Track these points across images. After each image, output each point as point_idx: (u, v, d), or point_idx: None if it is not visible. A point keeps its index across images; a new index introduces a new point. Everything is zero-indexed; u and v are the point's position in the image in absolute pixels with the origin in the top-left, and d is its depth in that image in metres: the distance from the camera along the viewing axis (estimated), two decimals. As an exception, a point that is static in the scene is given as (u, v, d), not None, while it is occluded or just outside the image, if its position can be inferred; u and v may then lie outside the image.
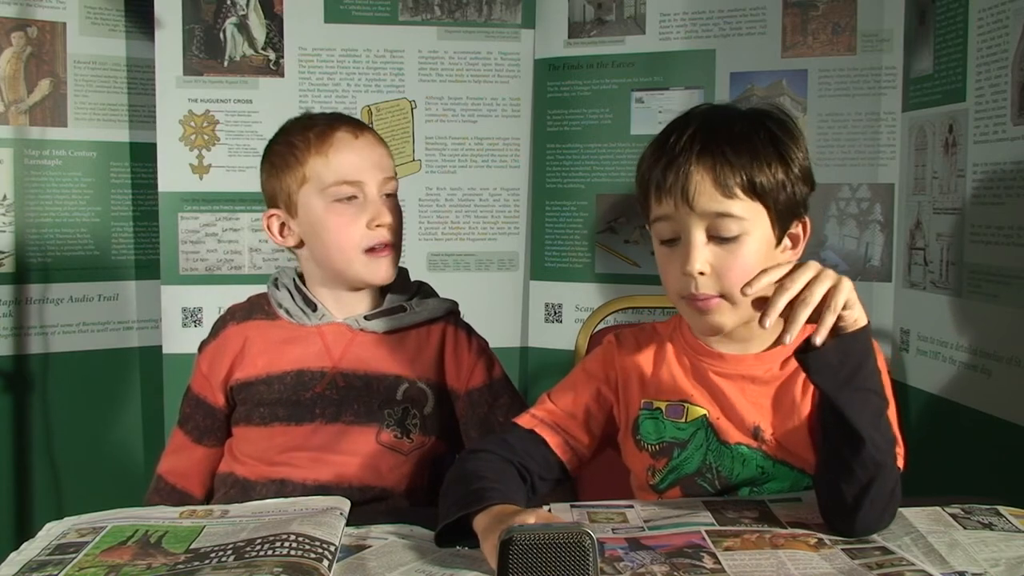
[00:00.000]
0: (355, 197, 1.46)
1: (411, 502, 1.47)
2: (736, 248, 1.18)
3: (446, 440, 1.54)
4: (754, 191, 1.18)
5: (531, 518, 1.00)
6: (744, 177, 1.17)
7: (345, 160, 1.45)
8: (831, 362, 1.07)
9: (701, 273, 1.18)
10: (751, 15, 2.45)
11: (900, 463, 1.17)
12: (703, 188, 1.17)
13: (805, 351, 1.08)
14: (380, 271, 1.49)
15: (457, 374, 1.53)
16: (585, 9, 2.59)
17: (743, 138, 1.19)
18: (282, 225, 1.49)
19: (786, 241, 1.24)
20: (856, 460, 1.08)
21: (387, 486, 1.46)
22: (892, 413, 1.16)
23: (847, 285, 1.06)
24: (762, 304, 1.09)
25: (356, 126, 1.50)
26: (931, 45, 2.17)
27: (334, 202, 1.45)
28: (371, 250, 1.47)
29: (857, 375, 1.08)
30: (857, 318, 1.08)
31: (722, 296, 1.19)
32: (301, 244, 1.50)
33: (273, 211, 1.49)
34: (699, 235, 1.18)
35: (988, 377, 1.94)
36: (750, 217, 1.18)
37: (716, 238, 1.18)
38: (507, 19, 2.62)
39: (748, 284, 1.08)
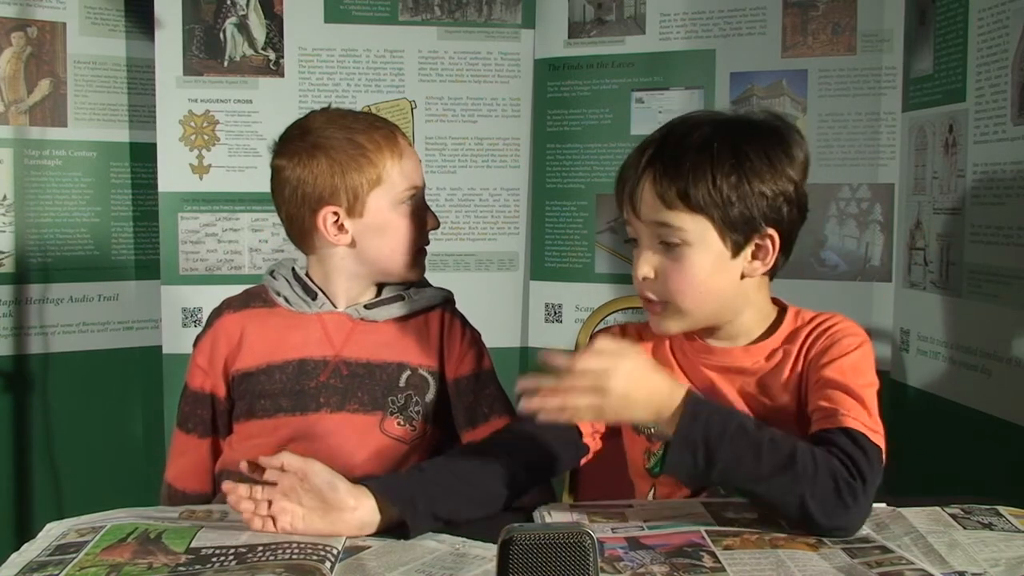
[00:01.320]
0: (412, 200, 1.50)
1: None
2: (678, 257, 1.22)
3: (445, 428, 1.54)
4: (690, 204, 1.20)
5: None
6: (679, 190, 1.20)
7: (411, 166, 1.49)
8: (685, 461, 1.10)
9: (645, 278, 1.24)
10: (751, 15, 2.45)
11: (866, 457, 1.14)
12: (645, 197, 1.22)
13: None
14: (422, 269, 1.56)
15: (448, 362, 1.55)
16: (585, 9, 2.59)
17: (693, 150, 1.21)
18: (336, 222, 1.46)
19: (749, 251, 1.24)
20: (769, 504, 1.11)
21: None
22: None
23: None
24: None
25: (402, 131, 1.53)
26: (931, 45, 2.17)
27: (400, 205, 1.48)
28: (420, 251, 1.53)
29: (714, 453, 1.09)
30: (662, 406, 1.11)
31: (666, 302, 1.25)
32: (352, 243, 1.48)
33: (333, 208, 1.45)
34: (645, 241, 1.25)
35: (988, 377, 1.94)
36: (691, 229, 1.21)
37: (663, 246, 1.23)
38: (507, 19, 2.62)
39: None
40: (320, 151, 1.45)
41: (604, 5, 2.58)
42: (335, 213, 1.45)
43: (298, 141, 1.47)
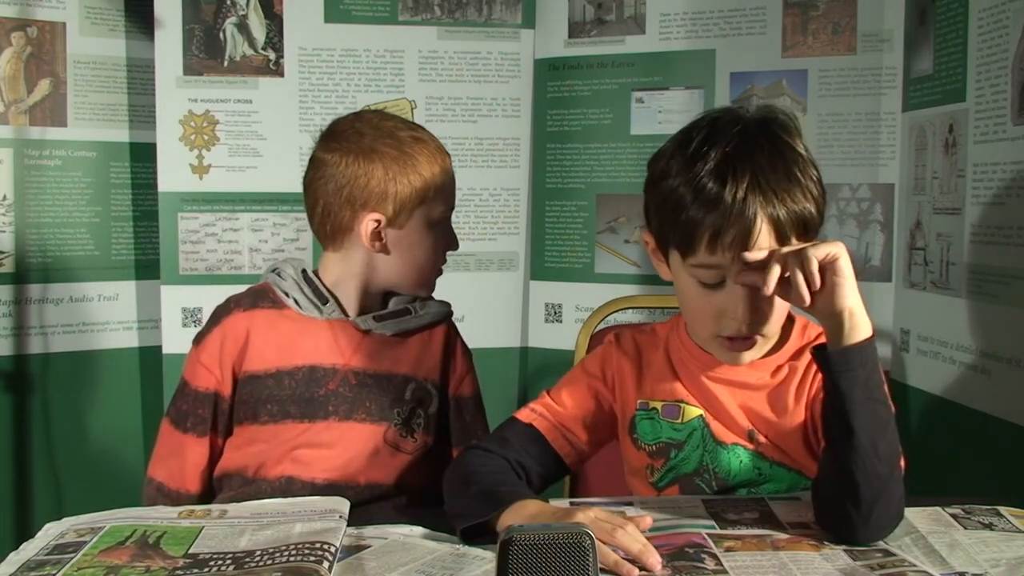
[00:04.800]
0: (445, 221, 1.52)
1: (410, 500, 1.48)
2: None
3: (441, 440, 1.55)
4: (806, 234, 1.17)
5: (579, 516, 1.05)
6: (801, 224, 1.16)
7: (451, 186, 1.52)
8: (853, 365, 1.08)
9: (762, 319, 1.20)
10: (751, 15, 2.45)
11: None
12: (763, 241, 1.15)
13: (823, 353, 1.10)
14: (433, 288, 1.57)
15: (451, 379, 1.57)
16: (585, 9, 2.59)
17: (792, 178, 1.16)
18: (375, 229, 1.46)
19: None
20: (861, 473, 1.07)
21: (392, 484, 1.47)
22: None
23: (821, 251, 1.09)
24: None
25: (447, 151, 1.54)
26: (931, 45, 2.17)
27: (436, 224, 1.50)
28: (439, 270, 1.55)
29: (869, 383, 1.09)
30: (859, 323, 1.09)
31: (761, 334, 1.21)
32: (384, 250, 1.48)
33: (377, 215, 1.45)
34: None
35: (988, 377, 1.94)
36: None
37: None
38: (507, 19, 2.62)
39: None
40: (377, 156, 1.45)
41: (604, 5, 2.58)
42: (377, 220, 1.45)
43: (354, 140, 1.47)
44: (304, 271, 1.53)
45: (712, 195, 1.15)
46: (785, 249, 1.13)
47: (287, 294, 1.50)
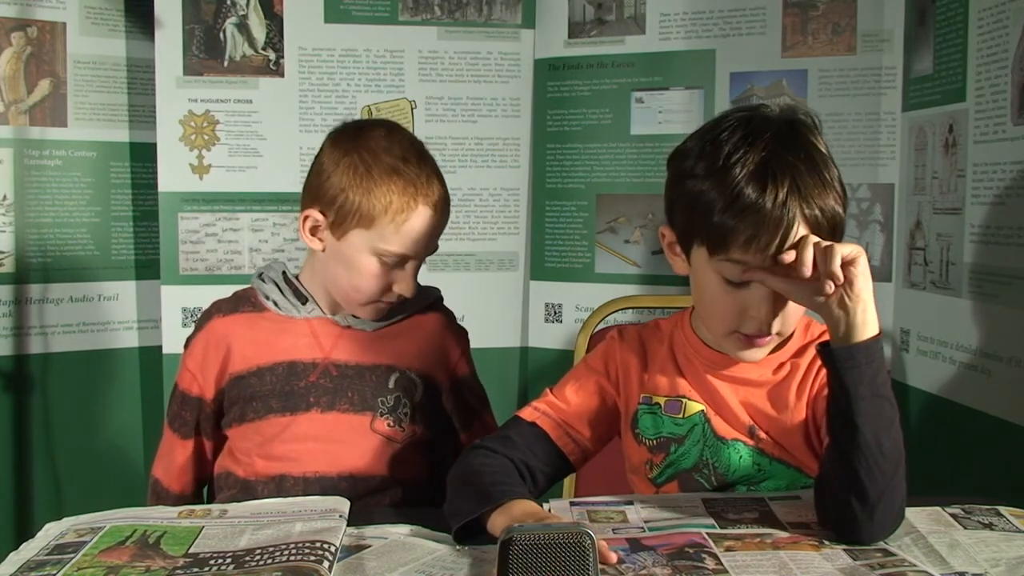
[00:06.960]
0: (394, 261, 1.45)
1: (406, 492, 1.48)
2: None
3: (437, 430, 1.55)
4: (833, 235, 1.17)
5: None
6: (832, 224, 1.17)
7: (410, 236, 1.42)
8: (859, 362, 1.09)
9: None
10: (751, 15, 2.45)
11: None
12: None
13: (829, 349, 1.11)
14: (374, 316, 1.51)
15: (445, 364, 1.56)
16: (585, 9, 2.59)
17: (825, 180, 1.17)
18: (315, 227, 1.45)
19: None
20: (865, 470, 1.07)
21: (387, 475, 1.47)
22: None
23: (846, 247, 1.10)
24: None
25: (440, 198, 1.44)
26: (931, 45, 2.17)
27: (374, 255, 1.43)
28: (377, 302, 1.48)
29: (875, 380, 1.09)
30: (869, 320, 1.10)
31: (780, 334, 1.22)
32: (323, 250, 1.47)
33: (316, 215, 1.44)
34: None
35: (988, 377, 1.94)
36: None
37: None
38: (507, 19, 2.62)
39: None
40: (351, 160, 1.42)
41: (604, 5, 2.58)
42: (317, 220, 1.44)
43: (351, 138, 1.45)
44: (284, 273, 1.53)
45: (750, 200, 1.14)
46: (813, 238, 1.13)
47: (267, 297, 1.51)
